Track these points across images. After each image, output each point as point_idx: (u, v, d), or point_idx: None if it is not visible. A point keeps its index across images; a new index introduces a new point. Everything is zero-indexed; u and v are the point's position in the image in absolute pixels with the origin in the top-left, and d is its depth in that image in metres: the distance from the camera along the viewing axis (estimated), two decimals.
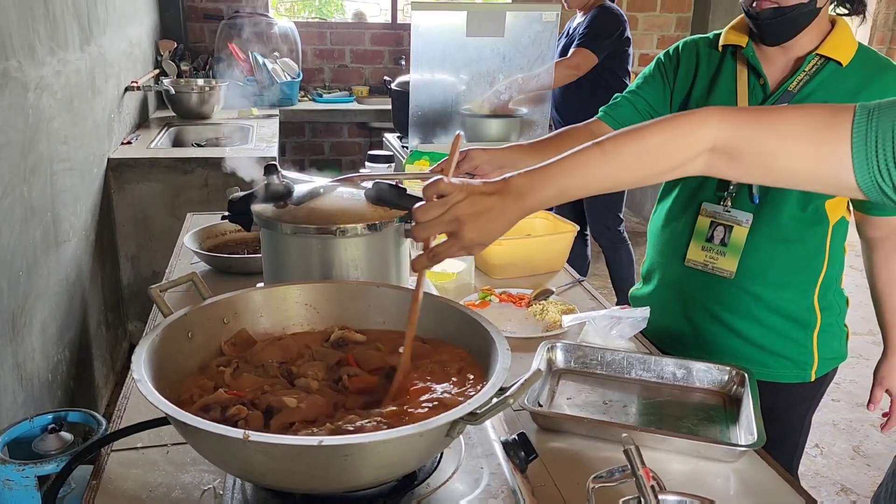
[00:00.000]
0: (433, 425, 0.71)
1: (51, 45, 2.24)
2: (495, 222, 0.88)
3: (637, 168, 0.93)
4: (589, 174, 0.92)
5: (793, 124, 0.87)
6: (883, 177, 0.84)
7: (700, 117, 0.91)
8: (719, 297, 1.40)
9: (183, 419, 0.70)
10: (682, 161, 0.92)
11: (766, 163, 0.90)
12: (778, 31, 1.31)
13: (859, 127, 0.84)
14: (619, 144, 0.92)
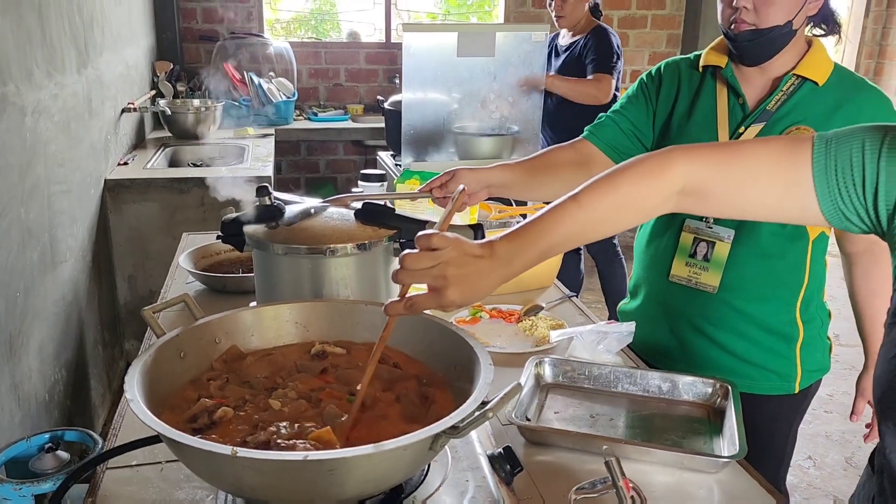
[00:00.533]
0: (416, 439, 0.73)
1: (48, 69, 2.27)
2: (478, 286, 0.89)
3: (614, 219, 0.95)
4: (568, 228, 0.93)
5: (755, 159, 0.90)
6: (845, 204, 0.86)
7: (666, 160, 0.93)
8: (703, 312, 1.43)
9: (174, 437, 0.73)
10: (655, 205, 0.95)
11: (733, 199, 0.92)
12: (755, 52, 1.34)
13: (818, 157, 0.86)
14: (594, 197, 0.94)
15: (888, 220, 0.84)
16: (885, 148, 0.83)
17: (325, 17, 5.36)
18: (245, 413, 0.88)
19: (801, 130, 1.34)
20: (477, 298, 0.90)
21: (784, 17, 1.30)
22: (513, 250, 0.91)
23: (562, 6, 3.09)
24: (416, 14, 5.33)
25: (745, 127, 1.38)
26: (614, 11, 5.10)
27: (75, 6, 2.63)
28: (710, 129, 1.41)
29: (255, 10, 4.69)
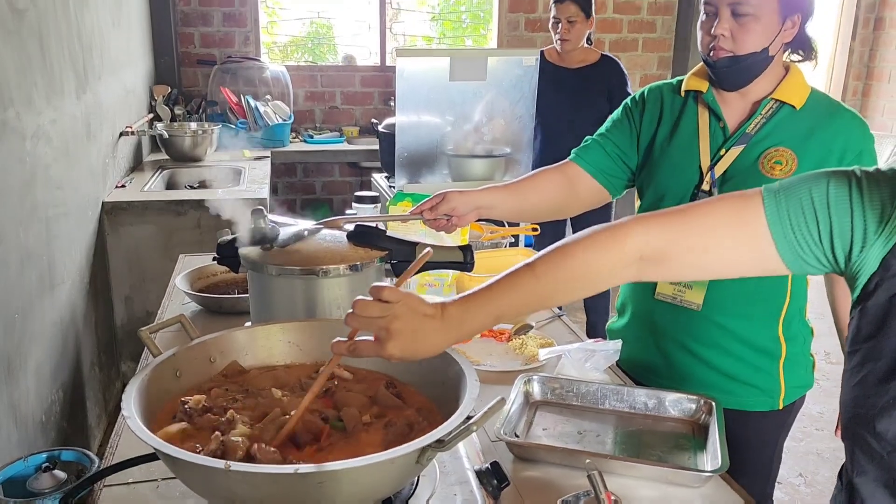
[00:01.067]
0: (402, 452, 0.76)
1: (48, 95, 2.32)
2: (422, 344, 0.90)
3: (569, 288, 0.97)
4: (521, 297, 0.95)
5: (709, 220, 0.92)
6: (804, 251, 0.89)
7: (622, 230, 0.95)
8: (689, 329, 1.46)
9: (169, 452, 0.75)
10: (611, 274, 0.96)
11: (694, 262, 0.94)
12: (734, 77, 1.39)
13: (771, 210, 0.89)
14: (550, 266, 0.95)
15: (846, 262, 0.88)
16: (832, 195, 0.86)
17: (322, 41, 5.44)
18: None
19: (779, 152, 1.38)
20: (418, 356, 0.91)
21: (760, 44, 1.34)
22: (464, 314, 0.92)
23: (569, 30, 3.22)
24: (411, 37, 5.41)
25: (725, 149, 1.42)
26: (606, 35, 5.18)
27: (75, 32, 2.68)
28: (691, 152, 1.45)
29: (252, 34, 4.76)
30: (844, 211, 0.86)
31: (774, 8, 1.33)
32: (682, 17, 5.13)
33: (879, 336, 0.83)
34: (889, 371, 0.82)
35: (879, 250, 0.84)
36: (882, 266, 0.84)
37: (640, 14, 5.19)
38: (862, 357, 0.85)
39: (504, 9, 5.07)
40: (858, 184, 0.86)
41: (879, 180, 0.85)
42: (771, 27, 1.34)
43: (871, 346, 0.84)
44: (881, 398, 0.82)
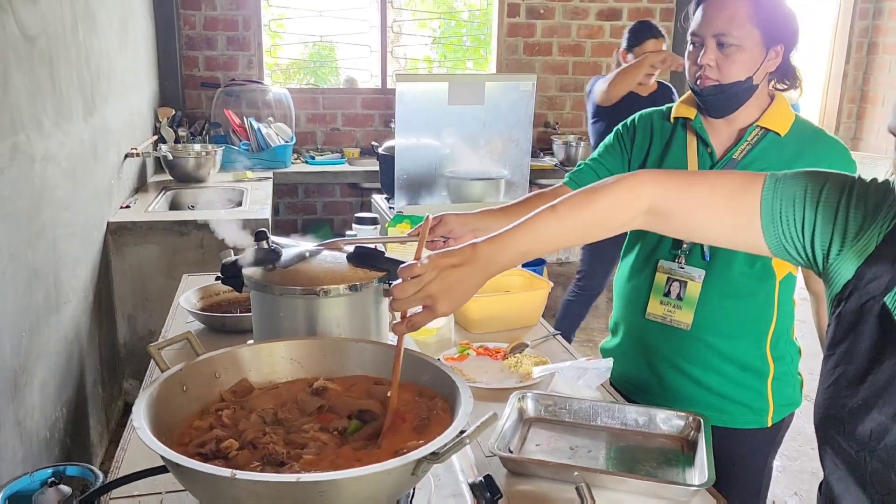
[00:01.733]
0: (399, 464, 0.80)
1: (56, 119, 2.38)
2: (464, 290, 1.01)
3: (587, 229, 1.07)
4: (545, 236, 1.05)
5: (712, 188, 1.01)
6: (786, 238, 0.96)
7: (637, 182, 1.05)
8: (678, 348, 1.50)
9: (177, 461, 0.80)
10: (625, 222, 1.06)
11: (691, 223, 1.03)
12: (719, 105, 1.45)
13: (766, 194, 0.97)
14: (571, 208, 1.06)
15: (823, 261, 0.94)
16: (824, 195, 0.93)
17: (325, 63, 5.53)
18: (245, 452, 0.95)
19: None
20: (466, 299, 1.02)
21: (744, 73, 1.40)
22: (493, 251, 1.02)
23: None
24: (412, 59, 5.50)
25: None
26: (603, 59, 5.27)
27: (83, 57, 2.75)
28: None
29: (256, 57, 4.85)
30: (830, 213, 0.93)
31: (758, 39, 1.39)
32: (678, 44, 5.21)
33: (851, 340, 0.89)
34: (860, 374, 0.87)
35: (855, 258, 0.91)
36: (856, 275, 0.90)
37: None
38: (835, 361, 0.91)
39: (503, 33, 5.16)
40: (850, 192, 0.93)
41: (869, 191, 0.92)
42: (755, 57, 1.40)
43: (844, 350, 0.89)
44: (851, 400, 0.87)
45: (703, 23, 1.41)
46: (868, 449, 0.86)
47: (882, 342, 0.87)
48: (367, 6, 5.11)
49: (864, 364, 0.87)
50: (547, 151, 5.08)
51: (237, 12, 4.75)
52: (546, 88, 5.24)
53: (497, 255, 1.02)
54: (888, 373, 0.85)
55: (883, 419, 0.84)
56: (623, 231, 1.10)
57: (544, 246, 1.06)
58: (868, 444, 0.86)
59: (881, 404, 0.84)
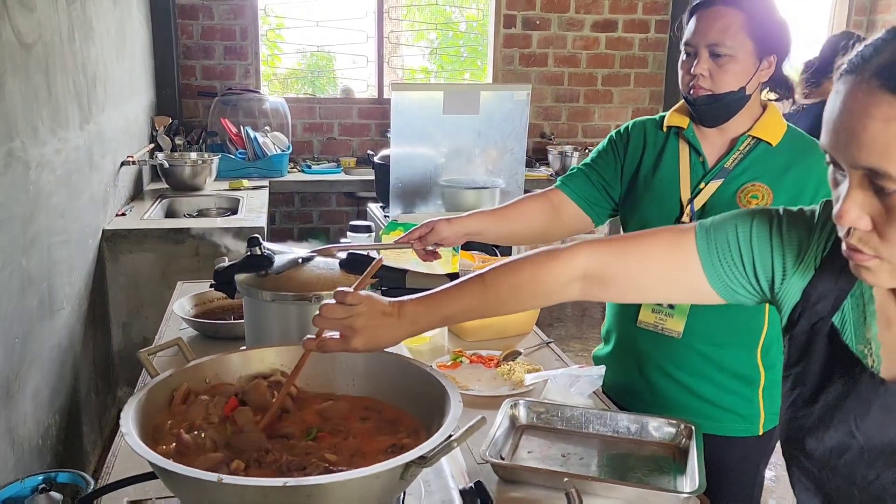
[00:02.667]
0: (387, 467, 0.80)
1: (52, 126, 2.38)
2: (382, 338, 1.04)
3: (513, 297, 1.07)
4: (469, 303, 1.07)
5: (646, 247, 1.03)
6: (731, 280, 0.97)
7: (570, 250, 1.06)
8: (670, 356, 1.51)
9: (165, 466, 0.80)
10: (555, 289, 1.06)
11: (633, 282, 1.04)
12: (712, 114, 1.45)
13: (701, 244, 0.98)
14: (498, 277, 1.07)
15: (770, 290, 0.96)
16: (754, 230, 0.96)
17: (322, 73, 5.55)
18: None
19: (756, 187, 1.44)
20: (379, 347, 1.05)
21: (737, 83, 1.41)
22: (418, 313, 1.05)
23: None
24: (409, 70, 5.52)
25: (705, 183, 1.48)
26: (599, 70, 5.30)
27: (80, 65, 2.75)
28: (673, 185, 1.51)
29: (253, 67, 4.86)
30: (765, 246, 0.95)
31: (751, 50, 1.40)
32: (673, 53, 5.25)
33: (805, 362, 0.91)
34: (813, 393, 0.89)
35: (799, 282, 0.92)
36: (803, 297, 0.92)
37: (632, 50, 5.31)
38: (792, 382, 0.92)
39: (499, 44, 5.18)
40: (779, 223, 0.95)
41: (797, 219, 0.94)
42: (748, 67, 1.41)
43: (799, 370, 0.91)
44: (808, 420, 0.88)
45: (697, 33, 1.42)
46: (829, 467, 0.87)
47: (832, 362, 0.88)
48: (364, 17, 5.14)
49: (817, 384, 0.89)
50: (542, 161, 5.09)
51: (235, 22, 4.76)
52: (541, 99, 5.27)
53: (422, 317, 1.06)
54: (839, 392, 0.86)
55: (841, 437, 0.85)
56: (558, 300, 1.09)
57: (469, 311, 1.08)
58: (829, 463, 0.87)
59: (836, 422, 0.85)
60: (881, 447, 0.82)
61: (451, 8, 5.63)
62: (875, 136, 0.70)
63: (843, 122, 0.73)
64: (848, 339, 0.87)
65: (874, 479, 0.83)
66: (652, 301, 1.10)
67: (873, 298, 0.87)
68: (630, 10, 5.24)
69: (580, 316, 4.79)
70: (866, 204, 0.74)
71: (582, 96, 5.35)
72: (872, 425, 0.83)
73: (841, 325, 0.88)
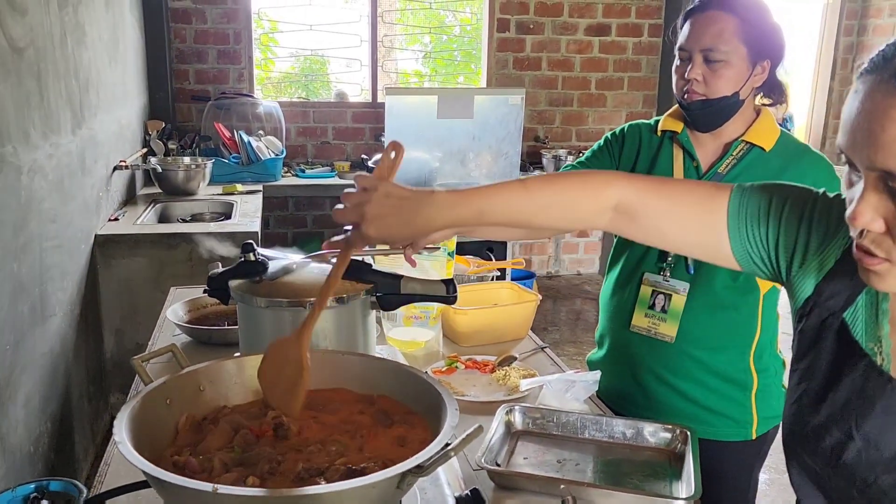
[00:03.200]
0: (383, 477, 0.80)
1: (44, 131, 2.37)
2: (399, 226, 0.98)
3: (550, 210, 1.03)
4: (507, 204, 1.02)
5: (681, 194, 1.00)
6: (752, 247, 0.96)
7: (609, 177, 1.04)
8: (663, 361, 1.51)
9: (158, 475, 0.79)
10: (591, 213, 1.03)
11: (658, 226, 1.01)
12: (706, 119, 1.46)
13: (733, 204, 0.96)
14: (541, 186, 1.03)
15: (787, 273, 0.95)
16: (787, 209, 0.94)
17: (316, 77, 5.54)
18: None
19: None
20: (396, 236, 1.00)
21: (731, 88, 1.41)
22: (450, 199, 0.99)
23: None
24: (403, 73, 5.52)
25: None
26: (592, 74, 5.31)
27: (72, 69, 2.74)
28: None
29: (246, 71, 4.85)
30: (792, 226, 0.93)
31: (744, 55, 1.41)
32: (667, 57, 5.26)
33: (813, 357, 0.89)
34: (821, 391, 0.88)
35: (815, 273, 0.91)
36: (815, 292, 0.91)
37: (625, 54, 5.33)
38: (798, 377, 0.91)
39: (493, 48, 5.19)
40: (814, 205, 0.93)
41: (833, 205, 0.92)
42: (741, 73, 1.41)
43: (806, 366, 0.90)
44: (814, 417, 0.88)
45: (691, 38, 1.43)
46: (830, 466, 0.87)
47: (841, 358, 0.87)
48: (358, 21, 5.14)
49: (825, 381, 0.88)
50: (536, 165, 5.10)
51: (228, 26, 4.76)
52: (535, 103, 5.28)
53: (454, 203, 0.99)
54: (846, 389, 0.85)
55: (841, 436, 0.85)
56: (587, 226, 1.08)
57: (503, 212, 1.02)
58: (829, 461, 0.86)
59: (840, 421, 0.85)
60: (880, 450, 0.81)
61: (444, 12, 5.64)
62: (894, 137, 0.69)
63: (861, 123, 0.72)
64: (858, 335, 0.86)
65: (873, 482, 0.82)
66: (672, 249, 1.08)
67: (887, 297, 0.86)
68: (623, 14, 5.26)
69: (574, 320, 4.79)
70: (881, 206, 0.73)
71: (576, 100, 5.36)
72: (873, 426, 0.82)
73: (852, 321, 0.87)
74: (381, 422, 1.04)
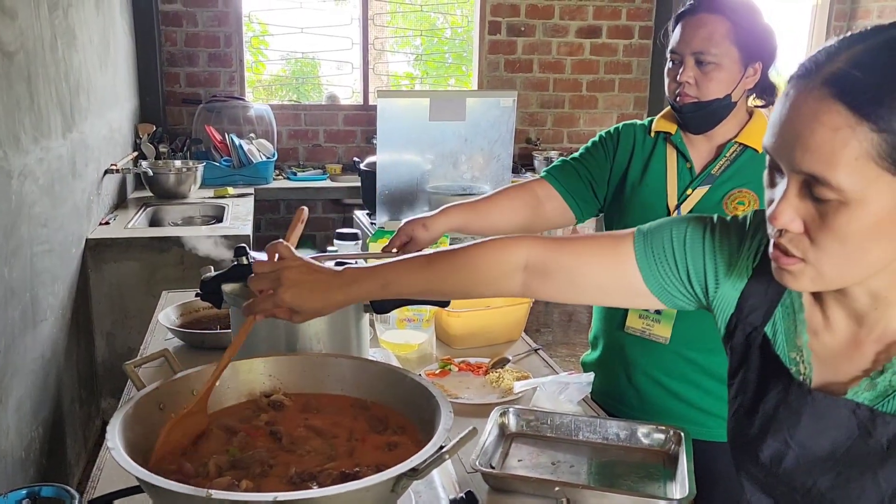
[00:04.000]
0: (378, 480, 0.80)
1: (35, 135, 2.36)
2: (313, 296, 1.00)
3: (453, 279, 1.05)
4: (411, 277, 1.04)
5: (586, 246, 1.02)
6: (669, 284, 0.98)
7: (515, 241, 1.05)
8: (657, 362, 1.51)
9: (152, 481, 0.78)
10: (497, 277, 1.05)
11: (572, 280, 1.02)
12: (699, 121, 1.46)
13: (639, 248, 0.99)
14: (443, 256, 1.06)
15: (704, 295, 0.97)
16: (688, 236, 0.97)
17: (307, 80, 5.53)
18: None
19: (742, 193, 1.45)
20: (309, 306, 1.00)
21: (723, 91, 1.42)
22: (357, 275, 1.02)
23: None
24: (394, 75, 5.52)
25: (692, 189, 1.49)
26: (583, 76, 5.32)
27: (62, 73, 2.73)
28: (660, 190, 1.52)
29: (237, 74, 4.84)
30: (698, 252, 0.96)
31: (736, 57, 1.41)
32: (657, 59, 5.28)
33: (744, 371, 0.92)
34: (753, 405, 0.90)
35: (732, 291, 0.94)
36: (737, 308, 0.93)
37: (616, 56, 5.34)
38: (734, 391, 0.94)
39: (484, 50, 5.20)
40: (712, 230, 0.96)
41: (731, 227, 0.95)
42: (733, 75, 1.42)
43: (740, 380, 0.93)
44: (750, 428, 0.90)
45: (682, 41, 1.43)
46: (772, 474, 0.89)
47: (766, 373, 0.89)
48: (349, 24, 5.13)
49: (755, 394, 0.90)
50: (528, 167, 5.10)
51: (219, 29, 4.74)
52: (527, 105, 5.28)
53: (361, 279, 1.03)
54: (773, 402, 0.87)
55: (778, 445, 0.86)
56: (499, 292, 1.08)
57: (408, 286, 1.05)
58: (770, 470, 0.88)
59: (773, 432, 0.87)
60: (814, 454, 0.83)
61: (435, 14, 5.65)
62: (821, 143, 0.69)
63: (790, 126, 0.72)
64: (780, 348, 0.89)
65: (812, 486, 0.84)
66: (590, 302, 1.10)
67: (803, 307, 0.88)
68: (614, 16, 5.27)
69: (567, 321, 4.80)
70: (801, 208, 0.74)
71: (567, 102, 5.37)
72: (805, 434, 0.84)
73: (773, 334, 0.90)
74: (374, 427, 1.04)
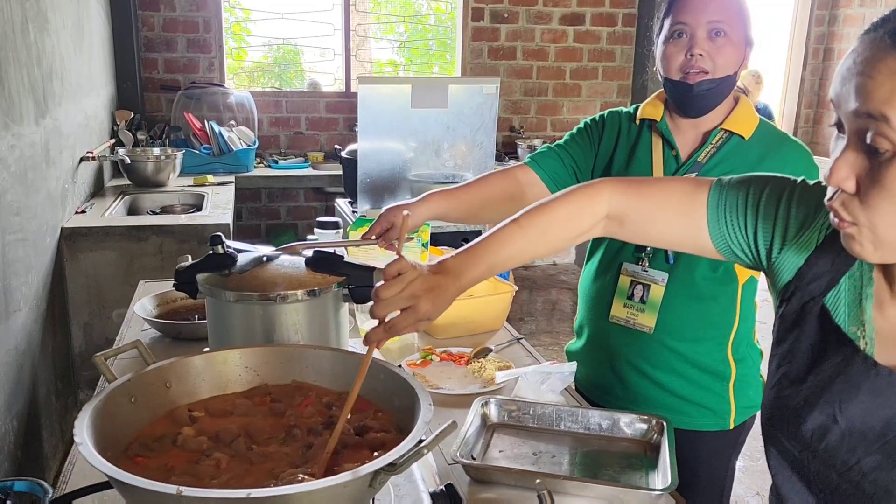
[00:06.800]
0: (355, 476, 0.77)
1: (5, 121, 2.30)
2: (443, 297, 1.00)
3: (550, 238, 1.09)
4: (510, 248, 1.06)
5: (665, 193, 1.05)
6: (731, 238, 1.00)
7: (596, 189, 1.08)
8: (641, 351, 1.50)
9: (120, 478, 0.76)
10: (586, 227, 1.09)
11: (645, 227, 1.07)
12: (705, 101, 1.39)
13: (712, 198, 1.01)
14: (532, 219, 1.07)
15: (766, 259, 0.98)
16: (764, 197, 0.98)
17: (289, 67, 5.47)
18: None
19: None
20: (443, 307, 1.01)
21: (732, 67, 1.38)
22: (460, 265, 1.03)
23: None
24: (377, 62, 5.47)
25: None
26: (567, 63, 5.30)
27: (34, 58, 2.66)
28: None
29: (217, 60, 4.77)
30: (770, 214, 0.97)
31: (741, 35, 1.38)
32: (641, 46, 5.27)
33: (793, 340, 0.91)
34: (801, 374, 0.89)
35: (795, 257, 0.93)
36: (797, 276, 0.93)
37: (599, 43, 5.32)
38: (778, 361, 0.93)
39: (468, 37, 5.16)
40: (791, 194, 0.96)
41: (812, 193, 0.96)
42: (740, 52, 1.39)
43: (787, 350, 0.91)
44: (793, 400, 0.88)
45: (692, 10, 1.34)
46: (810, 449, 0.87)
47: (822, 342, 0.88)
48: (331, 9, 5.07)
49: (806, 364, 0.89)
50: (512, 155, 5.08)
51: (197, 14, 4.67)
52: (511, 93, 5.26)
53: (465, 268, 1.04)
54: (828, 373, 0.86)
55: (823, 419, 0.85)
56: (586, 239, 1.12)
57: (510, 258, 1.07)
58: (810, 445, 0.87)
59: (822, 404, 0.86)
60: (863, 432, 0.82)
61: (418, 0, 5.59)
62: (881, 83, 0.72)
63: (852, 71, 0.76)
64: (840, 320, 0.88)
65: (854, 465, 0.83)
66: (657, 245, 1.17)
67: (872, 281, 0.87)
68: (597, 3, 5.25)
69: (550, 310, 4.80)
70: (857, 164, 0.76)
71: (550, 90, 5.35)
72: (857, 409, 0.83)
73: (834, 306, 0.89)
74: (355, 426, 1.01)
